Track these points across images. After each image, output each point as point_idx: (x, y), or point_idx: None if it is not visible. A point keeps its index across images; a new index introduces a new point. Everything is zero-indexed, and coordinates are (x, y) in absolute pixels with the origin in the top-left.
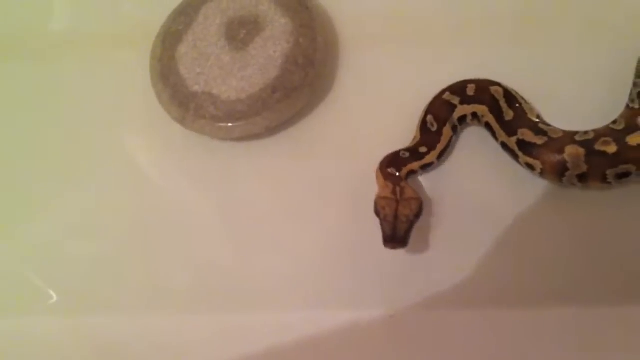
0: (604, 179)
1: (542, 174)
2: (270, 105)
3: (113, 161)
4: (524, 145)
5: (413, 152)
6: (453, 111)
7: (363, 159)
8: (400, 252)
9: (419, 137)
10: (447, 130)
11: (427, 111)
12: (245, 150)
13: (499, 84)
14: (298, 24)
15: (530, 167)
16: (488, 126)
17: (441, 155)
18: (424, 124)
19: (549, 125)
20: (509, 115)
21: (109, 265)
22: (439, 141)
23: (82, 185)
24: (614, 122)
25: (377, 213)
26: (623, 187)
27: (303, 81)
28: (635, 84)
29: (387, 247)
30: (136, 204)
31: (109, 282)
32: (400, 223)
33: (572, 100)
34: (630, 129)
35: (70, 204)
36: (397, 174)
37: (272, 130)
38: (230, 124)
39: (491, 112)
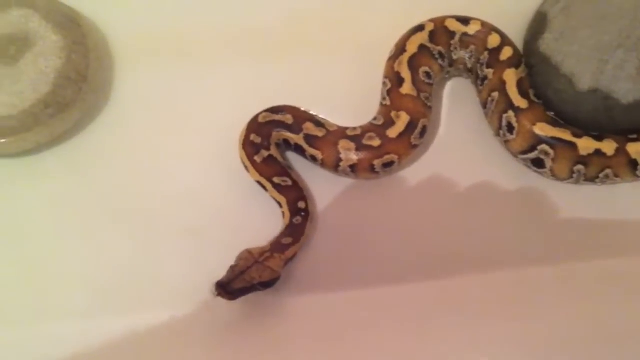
0: (372, 170)
1: (322, 164)
2: (43, 121)
3: None
4: (309, 139)
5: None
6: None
7: (138, 171)
8: None
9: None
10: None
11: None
12: (21, 166)
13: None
14: (70, 41)
15: (314, 158)
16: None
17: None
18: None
19: (324, 119)
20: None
21: None
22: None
23: None
24: (375, 118)
25: (236, 260)
26: (388, 175)
27: (76, 96)
28: (384, 83)
29: (215, 291)
30: None
31: None
32: (241, 280)
33: (341, 102)
34: (388, 123)
35: None
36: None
37: (46, 145)
38: (1, 140)
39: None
